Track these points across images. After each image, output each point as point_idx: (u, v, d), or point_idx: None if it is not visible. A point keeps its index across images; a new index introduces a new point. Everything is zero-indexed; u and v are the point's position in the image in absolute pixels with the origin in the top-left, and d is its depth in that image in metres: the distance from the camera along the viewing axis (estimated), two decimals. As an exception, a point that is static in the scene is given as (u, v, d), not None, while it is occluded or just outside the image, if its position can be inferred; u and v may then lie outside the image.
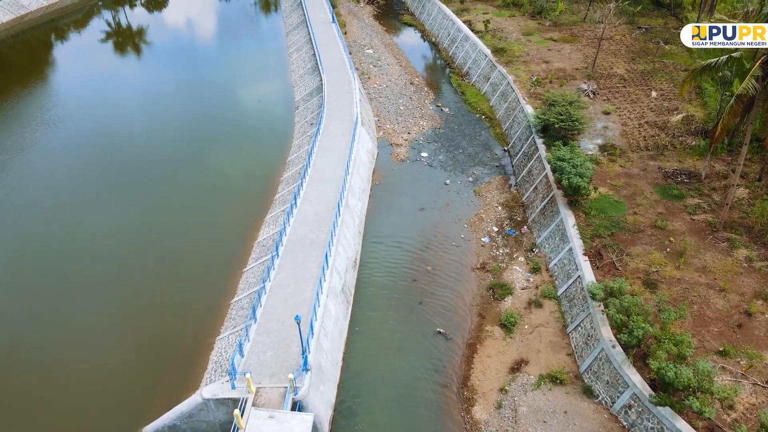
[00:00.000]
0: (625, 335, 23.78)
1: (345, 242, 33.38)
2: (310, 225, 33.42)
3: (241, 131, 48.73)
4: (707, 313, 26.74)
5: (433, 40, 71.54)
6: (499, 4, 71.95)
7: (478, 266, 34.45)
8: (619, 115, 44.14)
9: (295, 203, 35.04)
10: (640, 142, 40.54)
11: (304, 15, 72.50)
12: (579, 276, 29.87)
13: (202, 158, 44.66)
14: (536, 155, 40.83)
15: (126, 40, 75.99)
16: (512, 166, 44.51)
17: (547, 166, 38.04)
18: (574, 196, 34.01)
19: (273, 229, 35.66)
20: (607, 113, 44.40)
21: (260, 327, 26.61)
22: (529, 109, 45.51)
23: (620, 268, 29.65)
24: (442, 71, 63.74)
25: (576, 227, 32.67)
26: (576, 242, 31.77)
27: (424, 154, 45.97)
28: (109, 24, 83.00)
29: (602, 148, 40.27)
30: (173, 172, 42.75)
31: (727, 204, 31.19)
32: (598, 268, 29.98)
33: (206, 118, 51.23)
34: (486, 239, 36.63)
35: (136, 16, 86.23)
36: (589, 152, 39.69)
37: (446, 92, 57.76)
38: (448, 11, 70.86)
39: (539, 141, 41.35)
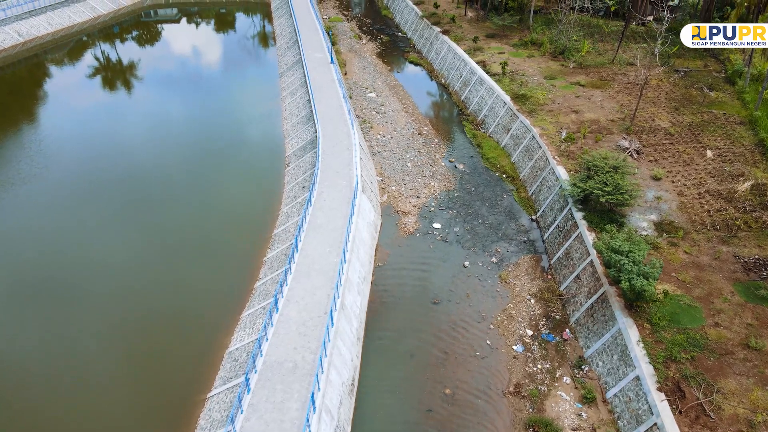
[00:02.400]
0: None
1: (339, 361, 25.64)
2: (294, 340, 25.72)
3: (221, 195, 40.99)
4: None
5: (443, 81, 64.73)
6: (516, 42, 65.16)
7: (511, 389, 26.61)
8: (672, 182, 36.68)
9: (276, 306, 27.41)
10: (705, 218, 32.97)
11: (300, 54, 65.91)
12: (656, 424, 22.01)
13: (173, 229, 37.21)
14: (576, 233, 33.31)
15: (114, 76, 69.68)
16: (543, 241, 36.96)
17: (593, 252, 30.52)
18: (635, 301, 26.38)
19: (249, 335, 27.99)
20: (657, 179, 36.95)
21: None
22: (562, 173, 38.15)
23: (712, 415, 21.80)
24: (454, 118, 56.61)
25: (642, 345, 24.93)
26: (644, 368, 23.97)
27: (437, 225, 38.49)
28: (97, 59, 76.95)
29: (658, 226, 32.69)
30: (142, 257, 35.26)
31: None
32: (680, 412, 22.13)
33: (183, 180, 43.67)
34: (519, 347, 28.88)
35: (124, 52, 80.00)
36: (644, 232, 32.14)
37: (460, 144, 50.59)
38: (460, 50, 64.15)
39: (578, 215, 33.89)
